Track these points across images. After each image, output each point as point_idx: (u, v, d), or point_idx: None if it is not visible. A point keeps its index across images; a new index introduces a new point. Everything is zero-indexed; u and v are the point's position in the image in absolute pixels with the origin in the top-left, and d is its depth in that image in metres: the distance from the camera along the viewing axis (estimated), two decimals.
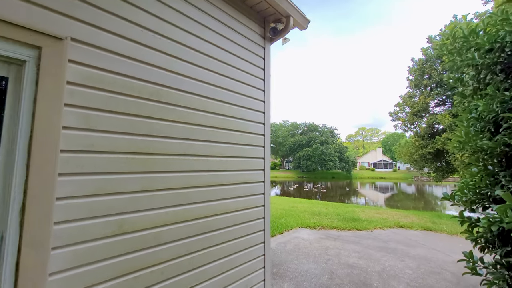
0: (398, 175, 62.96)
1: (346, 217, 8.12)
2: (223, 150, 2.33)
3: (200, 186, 2.12)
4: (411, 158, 10.91)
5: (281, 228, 6.42)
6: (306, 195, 26.98)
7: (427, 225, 7.33)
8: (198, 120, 2.12)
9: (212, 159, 2.22)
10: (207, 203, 2.17)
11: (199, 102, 2.15)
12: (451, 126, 8.25)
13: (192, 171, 2.06)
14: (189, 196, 2.03)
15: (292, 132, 71.60)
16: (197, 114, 2.12)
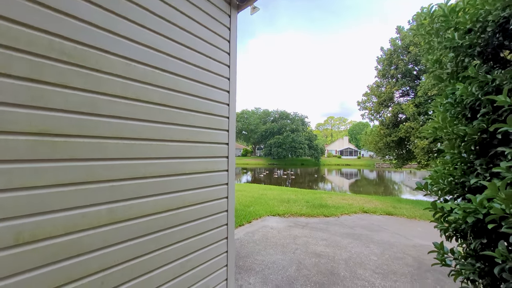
0: (362, 162, 66.93)
1: (315, 203, 8.20)
2: (178, 134, 1.94)
3: (150, 176, 1.73)
4: (376, 146, 11.36)
5: (249, 216, 6.23)
6: (276, 182, 27.39)
7: (388, 210, 7.66)
8: (146, 95, 1.69)
9: (165, 144, 1.83)
10: (160, 196, 1.79)
11: (147, 74, 1.72)
12: (414, 115, 8.59)
13: (136, 158, 1.65)
14: (135, 189, 1.63)
15: (264, 120, 71.79)
16: (143, 88, 1.70)
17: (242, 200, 8.48)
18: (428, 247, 4.53)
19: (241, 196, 9.29)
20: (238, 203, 7.83)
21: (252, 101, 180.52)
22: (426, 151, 8.43)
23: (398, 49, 9.46)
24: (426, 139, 8.36)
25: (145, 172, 1.70)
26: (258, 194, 9.90)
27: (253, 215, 6.38)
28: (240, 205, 7.53)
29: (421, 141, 8.32)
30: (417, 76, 10.24)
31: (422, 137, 8.46)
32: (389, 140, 10.45)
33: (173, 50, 1.93)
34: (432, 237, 5.28)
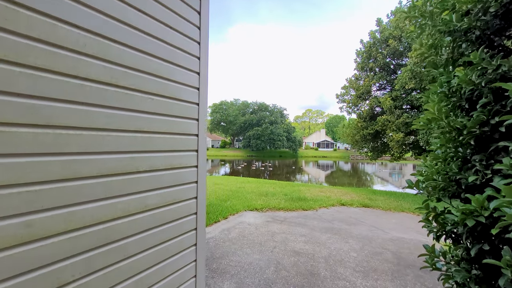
0: (337, 154, 69.11)
1: (293, 196, 8.08)
2: (135, 122, 1.55)
3: (90, 176, 1.33)
4: (353, 139, 11.48)
5: (226, 212, 5.92)
6: (254, 174, 27.31)
7: (365, 202, 7.74)
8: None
9: (111, 134, 1.43)
10: (103, 201, 1.40)
11: (97, 46, 1.30)
12: (391, 108, 8.68)
13: (70, 154, 1.25)
14: (67, 193, 1.23)
15: (243, 111, 71.12)
16: (92, 64, 1.28)
17: (219, 194, 8.14)
18: (404, 240, 4.54)
19: (218, 190, 8.94)
20: (214, 198, 7.49)
21: (231, 92, 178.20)
22: (400, 144, 8.60)
23: (377, 42, 9.49)
24: (401, 132, 8.51)
25: (84, 172, 1.30)
26: (236, 188, 9.61)
27: (230, 210, 6.08)
28: (217, 200, 7.19)
29: (396, 134, 8.45)
30: (394, 70, 10.38)
31: (397, 130, 8.61)
32: (365, 133, 10.58)
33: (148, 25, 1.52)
34: (407, 230, 5.35)
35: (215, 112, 72.95)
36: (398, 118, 8.64)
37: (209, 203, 6.64)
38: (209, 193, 8.23)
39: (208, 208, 6.18)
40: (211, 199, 7.31)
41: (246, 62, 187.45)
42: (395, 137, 8.34)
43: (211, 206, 6.37)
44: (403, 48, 9.17)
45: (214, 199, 7.23)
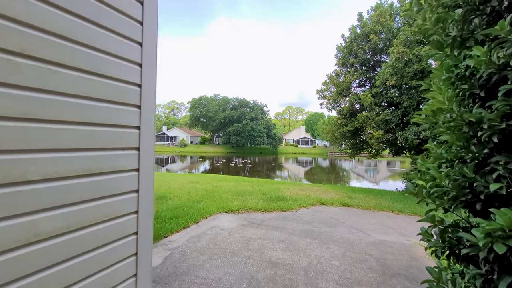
0: (316, 151, 70.33)
1: (271, 196, 7.69)
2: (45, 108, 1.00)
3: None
4: (333, 136, 11.33)
5: (197, 215, 5.37)
6: (233, 171, 26.77)
7: (345, 201, 7.54)
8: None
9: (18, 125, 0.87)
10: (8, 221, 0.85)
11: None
12: (371, 105, 8.53)
13: None
14: None
15: (223, 107, 69.96)
16: None
17: (193, 194, 7.55)
18: (387, 244, 4.28)
19: (192, 189, 8.34)
20: (187, 199, 6.89)
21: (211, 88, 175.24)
22: (380, 142, 8.51)
23: (358, 37, 9.31)
24: (381, 130, 8.40)
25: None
26: (212, 186, 9.05)
27: (203, 213, 5.54)
28: (189, 201, 6.60)
29: (376, 131, 8.32)
30: (374, 67, 10.29)
31: (377, 128, 8.50)
32: (345, 130, 10.44)
33: None
34: (388, 230, 5.14)
35: (194, 107, 71.08)
36: (378, 115, 8.52)
37: (180, 205, 6.04)
38: (182, 193, 7.61)
39: (178, 211, 5.59)
40: (183, 200, 6.71)
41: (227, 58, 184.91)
42: (375, 134, 8.21)
43: (182, 208, 5.79)
44: (383, 44, 9.07)
45: (186, 200, 6.64)
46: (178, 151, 61.35)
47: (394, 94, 7.88)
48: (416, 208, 6.91)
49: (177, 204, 6.11)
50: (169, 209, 5.69)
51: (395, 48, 6.93)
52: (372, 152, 12.65)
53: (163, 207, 5.86)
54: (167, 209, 5.68)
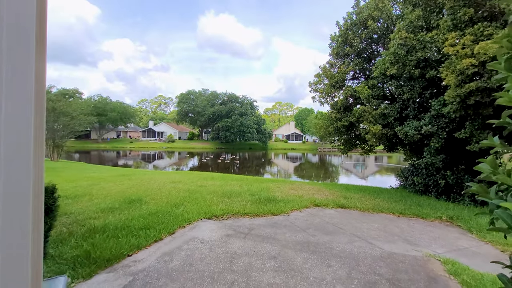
0: (306, 146, 70.31)
1: (261, 197, 6.96)
2: None
3: None
4: (326, 131, 10.70)
5: (174, 224, 4.57)
6: (221, 167, 25.92)
7: (340, 202, 6.92)
8: None
9: None
10: None
11: None
12: (368, 98, 7.91)
13: None
14: None
15: (212, 102, 68.52)
16: None
17: (173, 196, 6.71)
18: (397, 258, 3.65)
19: (173, 191, 7.50)
20: (165, 202, 6.06)
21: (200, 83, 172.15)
22: (377, 137, 7.92)
23: (354, 25, 8.62)
24: (378, 124, 7.80)
25: None
26: (196, 187, 8.23)
27: (180, 221, 4.75)
28: (167, 205, 5.78)
29: (373, 126, 7.72)
30: (369, 58, 9.67)
31: (375, 122, 7.90)
32: (339, 125, 9.82)
33: None
34: (393, 238, 4.52)
35: (182, 102, 69.26)
36: (375, 109, 7.91)
37: (155, 211, 5.21)
38: (161, 195, 6.77)
39: (152, 218, 4.77)
40: (161, 204, 5.88)
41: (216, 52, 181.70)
42: (373, 129, 7.59)
43: (157, 215, 4.97)
44: (380, 33, 8.42)
45: (163, 205, 5.81)
46: (165, 147, 59.71)
47: (393, 85, 7.26)
48: (417, 209, 6.37)
49: (151, 210, 5.28)
50: (141, 216, 4.86)
51: (397, 33, 6.28)
52: (365, 148, 12.16)
53: (135, 213, 5.01)
54: (138, 216, 4.84)
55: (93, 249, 3.35)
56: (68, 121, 18.66)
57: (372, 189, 9.66)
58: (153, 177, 10.50)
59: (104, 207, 5.43)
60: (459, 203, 7.34)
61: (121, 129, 71.72)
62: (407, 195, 8.20)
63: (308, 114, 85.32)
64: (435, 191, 8.02)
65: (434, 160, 6.62)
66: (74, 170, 12.65)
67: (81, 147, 56.72)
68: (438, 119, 6.47)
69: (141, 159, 37.85)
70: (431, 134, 6.53)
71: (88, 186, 7.82)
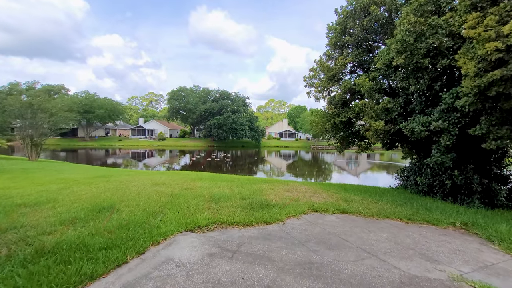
0: (299, 144, 69.91)
1: (253, 201, 6.20)
2: None
3: None
4: (323, 128, 10.00)
5: (146, 239, 3.76)
6: (211, 166, 25.01)
7: (341, 206, 6.23)
8: None
9: None
10: None
11: None
12: (370, 91, 7.22)
13: None
14: None
15: (204, 99, 67.21)
16: None
17: (152, 202, 5.88)
18: (420, 283, 2.95)
19: (154, 195, 6.66)
20: (141, 209, 5.22)
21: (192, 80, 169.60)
22: (378, 134, 7.25)
23: (355, 12, 7.91)
24: (381, 120, 7.13)
25: None
26: (180, 190, 7.40)
27: (155, 235, 3.94)
28: (143, 214, 4.95)
29: (375, 122, 7.04)
30: (369, 49, 8.99)
31: (376, 117, 7.22)
32: (337, 121, 9.12)
33: None
34: (408, 253, 3.84)
35: (173, 99, 67.64)
36: (377, 103, 7.23)
37: (126, 223, 4.37)
38: (138, 201, 5.92)
39: (121, 232, 3.94)
40: (136, 212, 5.04)
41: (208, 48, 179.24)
42: (375, 125, 6.92)
43: (127, 228, 4.14)
44: (383, 20, 7.72)
45: (139, 213, 4.97)
46: (155, 145, 58.26)
47: (398, 78, 6.59)
48: (426, 214, 5.74)
49: (122, 221, 4.44)
50: (107, 229, 4.02)
51: (405, 18, 5.59)
52: (362, 145, 11.55)
53: (100, 226, 4.17)
54: (104, 230, 4.00)
55: (28, 283, 2.52)
56: (47, 118, 17.42)
57: (372, 189, 9.03)
58: (135, 178, 9.59)
59: (66, 217, 4.56)
60: (467, 205, 6.76)
61: (110, 127, 69.69)
62: (411, 197, 7.58)
63: (301, 111, 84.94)
64: (440, 192, 7.44)
65: (444, 159, 5.99)
66: (49, 171, 11.59)
67: (67, 145, 54.68)
68: (449, 113, 5.83)
69: (130, 157, 36.54)
70: (441, 130, 5.88)
71: (57, 190, 6.89)
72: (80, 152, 41.90)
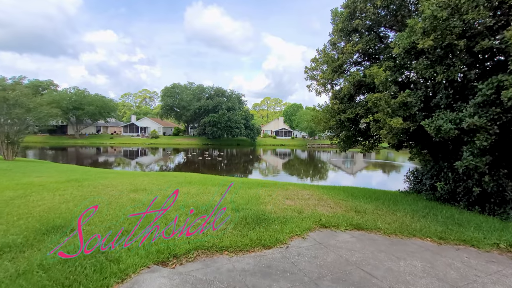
0: (295, 142, 69.03)
1: (248, 214, 5.09)
2: None
3: None
4: (327, 125, 8.92)
5: (92, 285, 2.61)
6: (205, 166, 23.78)
7: (354, 219, 5.16)
8: None
9: None
10: None
11: None
12: (386, 82, 6.16)
13: None
14: None
15: (198, 96, 65.72)
16: None
17: (122, 216, 4.71)
18: None
19: (129, 204, 5.50)
20: (103, 230, 4.06)
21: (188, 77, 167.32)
22: (395, 133, 6.20)
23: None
24: (398, 116, 6.07)
25: None
26: (162, 197, 6.24)
27: (108, 276, 2.79)
28: (104, 234, 3.77)
29: (392, 119, 5.98)
30: (380, 37, 7.91)
31: (392, 114, 6.16)
32: (343, 118, 8.04)
33: None
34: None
35: (167, 96, 65.91)
36: (394, 96, 6.16)
37: (79, 250, 3.20)
38: (104, 217, 4.74)
39: (60, 271, 2.78)
40: (96, 232, 3.87)
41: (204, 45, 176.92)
42: (392, 123, 5.85)
43: (73, 262, 2.97)
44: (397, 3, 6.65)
45: (100, 233, 3.80)
46: (148, 143, 56.67)
47: (421, 66, 5.52)
48: (459, 231, 4.70)
49: (70, 248, 3.27)
50: (42, 266, 2.85)
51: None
52: (366, 145, 10.54)
53: (35, 259, 3.00)
54: (39, 267, 2.83)
55: None
56: (23, 114, 15.98)
57: (382, 194, 8.01)
58: (113, 182, 8.38)
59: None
60: (500, 217, 5.77)
61: (101, 124, 67.67)
62: (430, 205, 6.56)
63: (297, 109, 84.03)
64: (465, 200, 6.44)
65: (478, 162, 4.96)
66: (16, 173, 10.27)
67: (55, 143, 52.65)
68: (487, 108, 4.78)
69: (119, 156, 35.06)
70: (475, 128, 4.84)
71: (8, 200, 5.66)
72: (69, 151, 40.22)
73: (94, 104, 54.82)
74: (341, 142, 10.18)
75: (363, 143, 10.50)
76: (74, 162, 25.27)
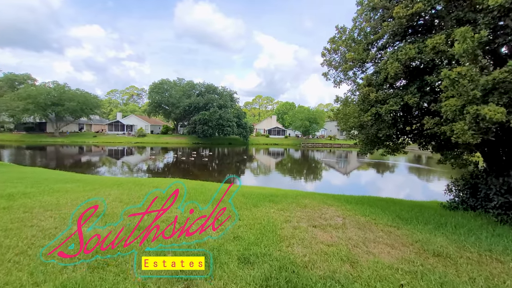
0: (289, 142, 67.16)
1: (270, 274, 2.84)
2: None
3: None
4: (358, 121, 6.74)
5: None
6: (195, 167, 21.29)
7: (452, 281, 3.00)
8: None
9: None
10: None
11: None
12: (472, 53, 4.01)
13: None
14: None
15: (188, 93, 62.66)
16: None
17: (31, 283, 2.35)
18: None
19: (56, 254, 3.13)
20: None
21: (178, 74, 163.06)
22: (485, 128, 4.08)
23: None
24: (499, 105, 3.92)
25: None
26: (115, 212, 3.89)
27: None
28: None
29: (483, 107, 3.84)
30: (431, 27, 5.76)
31: (482, 100, 4.02)
32: (385, 110, 5.87)
33: None
34: None
35: (155, 92, 62.46)
36: (486, 73, 4.04)
37: None
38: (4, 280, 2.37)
39: None
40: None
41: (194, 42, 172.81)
42: (489, 113, 3.72)
43: None
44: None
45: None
46: (134, 141, 53.41)
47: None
48: None
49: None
50: None
51: None
52: (390, 146, 8.52)
53: None
54: None
55: None
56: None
57: (432, 212, 5.93)
58: (61, 200, 5.91)
59: None
60: None
61: (84, 122, 63.69)
62: (490, 230, 4.49)
63: (289, 108, 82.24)
64: None
65: None
66: None
67: (33, 142, 48.62)
68: None
69: (100, 156, 32.02)
70: None
71: None
72: (48, 150, 36.76)
73: (75, 100, 51.02)
74: (368, 142, 8.06)
75: (387, 144, 8.45)
76: (46, 163, 22.31)
